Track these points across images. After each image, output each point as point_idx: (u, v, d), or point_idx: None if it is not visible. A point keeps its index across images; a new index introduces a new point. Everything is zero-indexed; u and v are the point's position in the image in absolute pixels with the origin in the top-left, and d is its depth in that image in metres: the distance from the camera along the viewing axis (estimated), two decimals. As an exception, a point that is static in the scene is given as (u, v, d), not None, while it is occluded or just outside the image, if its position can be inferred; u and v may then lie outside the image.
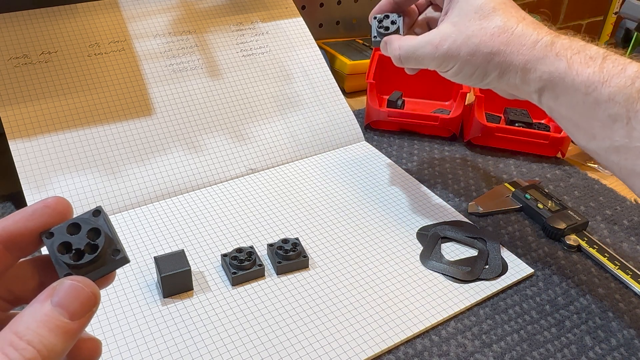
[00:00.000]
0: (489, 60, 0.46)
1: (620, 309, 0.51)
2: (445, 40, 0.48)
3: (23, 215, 0.26)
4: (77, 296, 0.24)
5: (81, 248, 0.26)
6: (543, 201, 0.62)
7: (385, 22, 0.55)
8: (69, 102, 0.63)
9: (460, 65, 0.48)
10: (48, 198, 0.26)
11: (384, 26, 0.55)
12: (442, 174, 0.70)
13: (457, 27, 0.47)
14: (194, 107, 0.68)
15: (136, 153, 0.63)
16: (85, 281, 0.24)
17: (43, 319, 0.23)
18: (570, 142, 0.74)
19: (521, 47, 0.44)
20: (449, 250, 0.56)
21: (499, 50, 0.45)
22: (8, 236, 0.25)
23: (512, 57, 0.45)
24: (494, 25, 0.45)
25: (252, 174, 0.67)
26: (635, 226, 0.62)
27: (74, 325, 0.23)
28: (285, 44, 0.78)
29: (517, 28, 0.45)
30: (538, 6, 1.42)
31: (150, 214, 0.59)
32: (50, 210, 0.26)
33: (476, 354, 0.46)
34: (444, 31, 0.48)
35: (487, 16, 0.46)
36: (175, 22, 0.73)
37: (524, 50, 0.44)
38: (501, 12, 0.46)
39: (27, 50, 0.64)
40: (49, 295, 0.24)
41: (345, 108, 0.76)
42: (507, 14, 0.46)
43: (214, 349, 0.44)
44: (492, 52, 0.45)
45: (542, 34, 0.44)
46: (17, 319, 0.23)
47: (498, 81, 0.47)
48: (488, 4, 0.46)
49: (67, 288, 0.24)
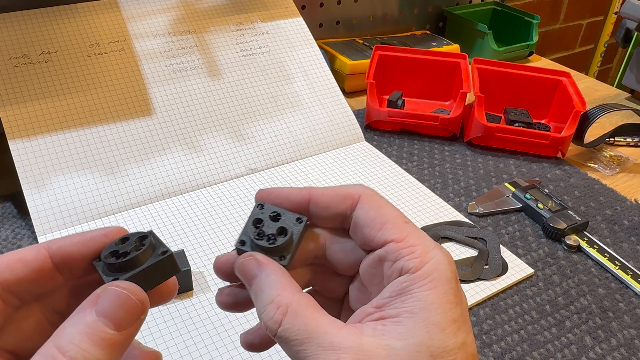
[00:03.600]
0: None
1: (621, 309, 0.51)
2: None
3: (80, 240, 0.25)
4: (122, 304, 0.22)
5: (127, 251, 0.25)
6: (543, 201, 0.62)
7: (268, 227, 0.27)
8: (69, 102, 0.63)
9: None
10: (107, 228, 0.25)
11: (264, 233, 0.27)
12: (442, 174, 0.70)
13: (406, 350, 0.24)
14: (194, 107, 0.68)
15: (136, 153, 0.63)
16: (131, 287, 0.23)
17: (86, 331, 0.21)
18: (570, 142, 0.74)
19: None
20: (449, 250, 0.56)
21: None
22: (62, 256, 0.24)
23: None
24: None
25: (252, 174, 0.67)
26: (635, 226, 0.62)
27: (120, 337, 0.22)
28: (285, 44, 0.78)
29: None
30: (538, 6, 1.42)
31: (150, 214, 0.59)
32: (108, 240, 0.25)
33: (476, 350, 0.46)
34: (388, 345, 0.24)
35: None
36: (175, 22, 0.73)
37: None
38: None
39: (27, 50, 0.64)
40: (92, 303, 0.22)
41: (345, 108, 0.76)
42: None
43: (214, 349, 0.44)
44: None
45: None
46: (59, 331, 0.21)
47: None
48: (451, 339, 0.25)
49: (110, 295, 0.22)
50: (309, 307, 0.25)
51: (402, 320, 0.24)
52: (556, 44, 1.58)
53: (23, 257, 0.24)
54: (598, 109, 0.74)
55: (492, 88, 0.80)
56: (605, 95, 0.95)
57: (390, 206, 0.28)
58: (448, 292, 0.25)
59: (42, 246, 0.24)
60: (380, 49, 0.82)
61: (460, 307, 0.25)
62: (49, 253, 0.24)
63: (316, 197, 0.28)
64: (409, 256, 0.25)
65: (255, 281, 0.26)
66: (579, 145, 0.75)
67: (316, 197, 0.28)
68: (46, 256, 0.24)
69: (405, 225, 0.27)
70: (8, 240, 0.56)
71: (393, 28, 1.06)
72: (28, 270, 0.24)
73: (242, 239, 0.27)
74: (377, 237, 0.26)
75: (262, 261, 0.26)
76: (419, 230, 0.27)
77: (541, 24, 1.39)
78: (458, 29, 1.07)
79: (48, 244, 0.24)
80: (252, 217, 0.28)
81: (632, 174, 0.73)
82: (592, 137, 0.77)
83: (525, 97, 0.81)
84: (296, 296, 0.25)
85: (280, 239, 0.27)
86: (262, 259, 0.26)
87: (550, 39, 1.55)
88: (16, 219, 0.59)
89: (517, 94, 0.81)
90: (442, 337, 0.24)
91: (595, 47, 1.64)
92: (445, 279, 0.25)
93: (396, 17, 1.05)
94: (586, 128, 0.73)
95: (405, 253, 0.25)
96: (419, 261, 0.25)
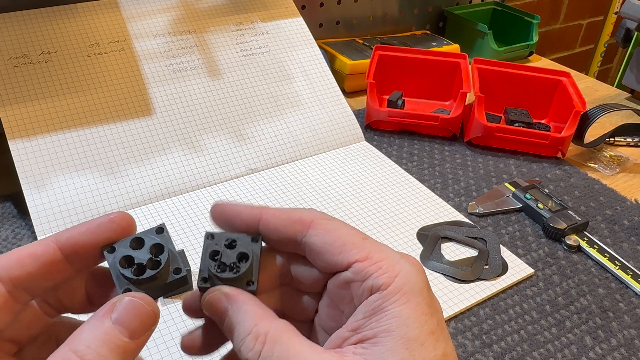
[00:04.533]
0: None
1: (621, 309, 0.51)
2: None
3: (88, 228, 0.25)
4: (138, 314, 0.23)
5: (143, 263, 0.25)
6: (543, 201, 0.62)
7: (227, 256, 0.26)
8: (69, 102, 0.63)
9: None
10: (112, 213, 0.25)
11: (226, 265, 0.26)
12: (442, 174, 0.70)
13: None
14: (194, 107, 0.68)
15: (136, 153, 0.63)
16: (145, 298, 0.23)
17: (103, 338, 0.22)
18: (570, 142, 0.74)
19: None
20: (449, 250, 0.56)
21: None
22: (73, 246, 0.24)
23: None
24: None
25: (252, 174, 0.67)
26: (635, 226, 0.62)
27: (133, 345, 0.22)
28: (285, 44, 0.78)
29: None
30: (538, 6, 1.42)
31: (150, 214, 0.59)
32: (115, 225, 0.25)
33: (476, 354, 0.46)
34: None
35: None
36: (175, 22, 0.73)
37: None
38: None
39: (27, 50, 0.64)
40: (108, 311, 0.23)
41: (345, 108, 0.76)
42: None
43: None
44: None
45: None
46: (76, 335, 0.22)
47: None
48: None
49: (126, 305, 0.23)
50: (287, 332, 0.24)
51: (380, 340, 0.23)
52: (556, 44, 1.58)
53: (32, 252, 0.24)
54: (598, 109, 0.74)
55: (492, 88, 0.80)
56: (605, 95, 0.95)
57: (344, 226, 0.27)
58: (421, 303, 0.24)
59: (50, 239, 0.25)
60: (380, 49, 0.82)
61: (435, 316, 0.24)
62: (58, 245, 0.24)
63: (266, 219, 0.27)
64: (376, 273, 0.25)
65: (228, 315, 0.25)
66: (579, 145, 0.75)
67: (266, 219, 0.27)
68: (55, 249, 0.24)
69: (364, 242, 0.26)
70: (8, 240, 0.56)
71: (393, 28, 1.06)
72: (39, 264, 0.24)
73: (203, 277, 0.26)
74: (338, 260, 0.25)
75: (230, 294, 0.25)
76: (379, 243, 0.26)
77: (541, 24, 1.39)
78: (458, 29, 1.07)
79: (56, 237, 0.25)
80: (207, 250, 0.26)
81: (632, 174, 0.73)
82: (592, 137, 0.77)
83: (525, 97, 0.81)
84: (273, 323, 0.24)
85: (243, 266, 0.26)
86: (230, 291, 0.25)
87: (550, 39, 1.55)
88: (16, 219, 0.59)
89: (517, 94, 0.81)
90: (422, 351, 0.23)
91: (595, 47, 1.64)
92: (417, 290, 0.24)
93: (396, 17, 1.05)
94: (586, 128, 0.73)
95: (372, 270, 0.25)
96: (387, 276, 0.24)
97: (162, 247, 0.25)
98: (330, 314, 0.28)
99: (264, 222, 0.27)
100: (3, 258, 0.24)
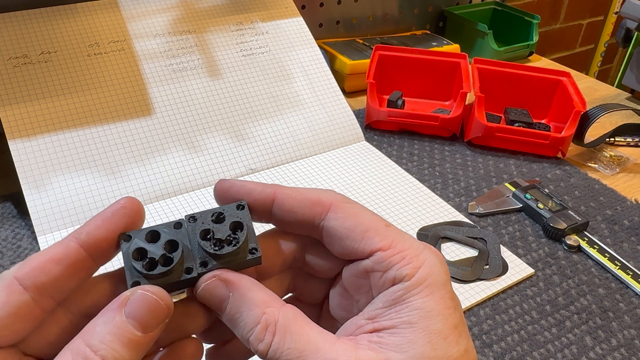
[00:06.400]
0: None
1: (621, 309, 0.51)
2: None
3: (103, 219, 0.24)
4: (150, 308, 0.22)
5: (155, 258, 0.24)
6: (543, 201, 0.62)
7: (219, 231, 0.25)
8: (68, 102, 0.63)
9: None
10: (120, 199, 0.25)
11: (222, 240, 0.24)
12: (442, 174, 0.70)
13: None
14: (194, 107, 0.68)
15: (136, 153, 0.63)
16: (159, 292, 0.23)
17: (116, 332, 0.21)
18: (570, 142, 0.74)
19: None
20: (449, 250, 0.56)
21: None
22: (94, 242, 0.24)
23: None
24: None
25: (252, 173, 0.67)
26: (635, 226, 0.62)
27: (145, 339, 0.22)
28: (285, 44, 0.78)
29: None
30: (538, 6, 1.42)
31: (150, 214, 0.59)
32: (127, 210, 0.24)
33: (476, 354, 0.46)
34: (387, 358, 0.23)
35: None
36: (175, 22, 0.73)
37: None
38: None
39: (27, 50, 0.64)
40: (121, 305, 0.22)
41: (345, 108, 0.76)
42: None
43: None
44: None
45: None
46: (89, 328, 0.22)
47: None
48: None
49: (139, 298, 0.22)
50: (297, 320, 0.23)
51: (399, 331, 0.22)
52: (556, 44, 1.58)
53: (54, 257, 0.23)
54: (598, 109, 0.74)
55: (492, 88, 0.80)
56: (606, 95, 0.95)
57: (366, 210, 0.25)
58: (445, 296, 0.23)
59: (69, 240, 0.24)
60: (380, 49, 0.82)
61: (458, 311, 0.24)
62: (80, 244, 0.24)
63: (281, 198, 0.25)
64: (400, 263, 0.23)
65: (229, 304, 0.24)
66: (579, 145, 0.75)
67: (281, 198, 0.25)
68: (77, 248, 0.23)
69: (387, 229, 0.25)
70: (8, 241, 0.56)
71: (393, 28, 1.05)
72: (62, 267, 0.23)
73: (202, 261, 0.24)
74: (360, 247, 0.24)
75: (230, 279, 0.24)
76: (402, 232, 0.25)
77: (541, 24, 1.39)
78: (458, 29, 1.06)
79: (75, 236, 0.24)
80: (195, 232, 0.24)
81: (632, 174, 0.73)
82: (592, 137, 0.77)
83: (526, 97, 0.81)
84: (281, 311, 0.23)
85: (240, 235, 0.24)
86: (230, 276, 0.24)
87: (551, 39, 1.55)
88: (16, 219, 0.59)
89: (517, 94, 0.81)
90: (444, 346, 0.22)
91: (596, 47, 1.64)
92: (440, 282, 0.23)
93: (396, 17, 1.05)
94: (586, 128, 0.73)
95: (395, 261, 0.24)
96: (411, 267, 0.23)
97: (177, 243, 0.24)
98: (342, 303, 0.27)
99: (278, 202, 0.25)
100: (26, 266, 0.23)
